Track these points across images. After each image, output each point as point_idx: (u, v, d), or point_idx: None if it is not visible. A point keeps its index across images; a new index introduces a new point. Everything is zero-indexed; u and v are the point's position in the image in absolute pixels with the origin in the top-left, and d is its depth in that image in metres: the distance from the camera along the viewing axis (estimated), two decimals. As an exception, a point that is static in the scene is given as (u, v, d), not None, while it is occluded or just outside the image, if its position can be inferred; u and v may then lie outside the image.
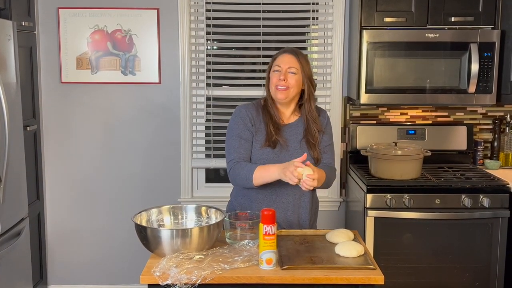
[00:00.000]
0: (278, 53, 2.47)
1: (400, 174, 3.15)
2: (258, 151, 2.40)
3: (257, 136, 2.42)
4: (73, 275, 3.86)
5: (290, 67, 2.39)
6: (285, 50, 2.45)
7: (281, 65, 2.40)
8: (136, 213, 2.21)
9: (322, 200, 3.76)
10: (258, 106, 2.48)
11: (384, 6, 3.24)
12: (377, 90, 3.28)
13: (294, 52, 2.43)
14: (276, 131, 2.40)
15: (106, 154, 3.76)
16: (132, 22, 3.61)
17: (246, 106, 2.50)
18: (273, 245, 1.95)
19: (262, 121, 2.44)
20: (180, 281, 1.86)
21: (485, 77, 3.23)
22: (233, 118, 2.47)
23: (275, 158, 2.38)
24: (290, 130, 2.45)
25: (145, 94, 3.70)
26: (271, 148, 2.39)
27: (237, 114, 2.47)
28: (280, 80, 2.38)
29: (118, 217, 3.78)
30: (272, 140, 2.39)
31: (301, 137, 2.44)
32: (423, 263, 3.15)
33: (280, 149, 2.40)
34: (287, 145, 2.41)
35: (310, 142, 2.43)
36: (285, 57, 2.42)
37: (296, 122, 2.48)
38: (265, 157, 2.39)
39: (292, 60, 2.40)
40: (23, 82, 3.25)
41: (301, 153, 2.35)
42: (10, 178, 2.88)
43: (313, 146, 2.43)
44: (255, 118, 2.44)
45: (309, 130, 2.44)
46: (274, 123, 2.42)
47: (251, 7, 3.64)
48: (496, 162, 3.54)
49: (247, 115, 2.44)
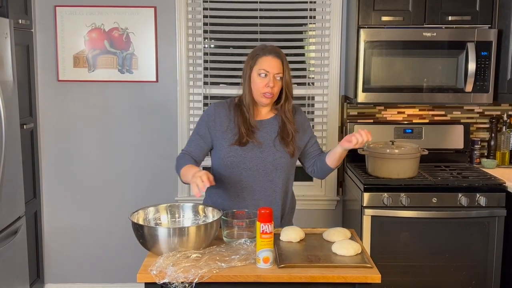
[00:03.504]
0: (259, 51, 2.38)
1: (397, 173, 3.15)
2: (226, 149, 2.40)
3: (226, 134, 2.41)
4: (70, 274, 3.85)
5: (278, 73, 2.35)
6: (270, 51, 2.36)
7: (268, 70, 2.33)
8: (133, 212, 2.21)
9: (319, 199, 3.80)
10: (230, 105, 2.46)
11: (381, 5, 3.25)
12: (374, 89, 3.28)
13: (279, 55, 2.36)
14: (248, 133, 2.38)
15: (103, 152, 3.76)
16: (129, 20, 3.61)
17: (218, 104, 2.49)
18: (270, 243, 1.95)
19: (232, 120, 2.42)
20: (177, 280, 1.86)
21: (482, 76, 3.24)
22: (202, 114, 2.50)
23: (244, 156, 2.39)
24: (265, 127, 2.44)
25: (142, 92, 3.70)
26: (240, 147, 2.39)
27: (206, 111, 2.49)
28: (268, 87, 2.34)
29: (115, 215, 3.77)
30: (242, 141, 2.38)
31: (276, 135, 2.43)
32: (420, 262, 3.15)
33: (252, 147, 2.39)
34: (261, 143, 2.40)
35: (284, 139, 2.43)
36: (272, 60, 2.34)
37: (271, 119, 2.46)
38: (233, 155, 2.39)
39: (278, 64, 2.35)
40: (20, 80, 3.25)
41: (273, 150, 2.40)
42: (7, 176, 2.88)
43: (287, 143, 2.42)
44: (223, 117, 2.43)
45: (284, 128, 2.43)
46: (247, 125, 2.39)
47: (248, 5, 3.64)
48: (492, 161, 3.55)
49: (214, 113, 2.44)
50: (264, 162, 2.40)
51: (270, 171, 2.42)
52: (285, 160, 2.43)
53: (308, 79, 3.75)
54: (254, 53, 2.41)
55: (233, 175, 2.42)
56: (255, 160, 2.40)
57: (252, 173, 2.41)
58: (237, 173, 2.41)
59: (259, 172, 2.41)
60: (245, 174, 2.41)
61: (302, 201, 3.79)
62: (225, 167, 2.42)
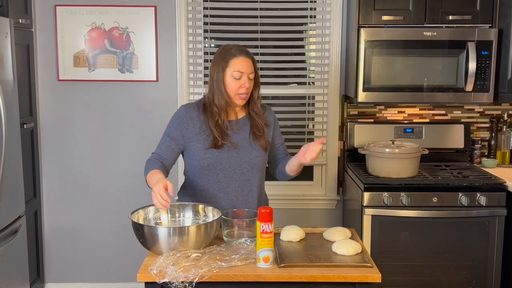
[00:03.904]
0: (229, 52, 2.36)
1: (397, 172, 3.15)
2: (202, 151, 2.39)
3: (199, 136, 2.40)
4: (70, 273, 3.85)
5: (251, 72, 2.35)
6: (240, 52, 2.35)
7: (243, 70, 2.32)
8: (133, 211, 2.21)
9: (319, 198, 3.80)
10: (200, 106, 2.45)
11: (382, 4, 3.24)
12: (374, 89, 3.28)
13: (249, 54, 2.36)
14: (223, 136, 2.37)
15: (103, 152, 3.76)
16: (129, 19, 3.60)
17: (188, 105, 2.48)
18: (271, 243, 1.95)
19: (204, 122, 2.41)
20: (177, 279, 1.86)
21: (482, 76, 3.24)
22: (172, 116, 2.48)
23: (220, 157, 2.39)
24: (238, 126, 2.44)
25: (142, 92, 3.70)
26: (216, 149, 2.38)
27: (176, 113, 2.47)
28: (243, 88, 2.33)
29: (115, 215, 3.77)
30: (218, 145, 2.37)
31: (249, 133, 2.44)
32: (420, 261, 3.15)
33: (227, 148, 2.39)
34: (236, 144, 2.40)
35: (256, 134, 2.43)
36: (244, 61, 2.34)
37: (243, 119, 2.46)
38: (209, 157, 2.38)
39: (250, 64, 2.35)
40: (20, 79, 3.25)
41: (249, 150, 2.40)
42: (7, 176, 2.88)
43: (259, 137, 2.43)
44: (195, 119, 2.41)
45: (254, 124, 2.44)
46: (220, 128, 2.38)
47: (248, 5, 3.63)
48: (493, 161, 3.55)
49: (185, 115, 2.42)
50: (240, 162, 2.41)
51: (247, 170, 2.42)
52: (261, 159, 2.44)
53: (309, 78, 3.75)
54: (223, 55, 2.37)
55: (209, 176, 2.42)
56: (231, 161, 2.40)
57: (229, 173, 2.41)
58: (213, 174, 2.41)
59: (236, 172, 2.41)
60: (221, 175, 2.41)
61: (302, 201, 3.79)
62: (201, 168, 2.41)
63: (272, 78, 3.71)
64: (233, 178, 2.41)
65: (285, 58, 3.77)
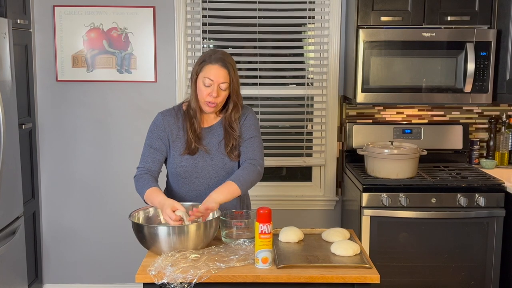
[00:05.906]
0: (207, 58, 2.33)
1: (396, 173, 3.15)
2: (178, 158, 2.38)
3: (175, 144, 2.39)
4: (69, 274, 3.85)
5: (223, 82, 2.30)
6: (216, 60, 2.31)
7: (213, 78, 2.29)
8: (133, 211, 2.21)
9: (318, 199, 3.80)
10: (178, 112, 2.43)
11: (380, 5, 3.24)
12: (373, 89, 3.28)
13: (225, 64, 2.30)
14: (196, 139, 2.36)
15: (101, 152, 3.75)
16: (128, 20, 3.60)
17: (165, 113, 2.45)
18: (269, 244, 1.95)
19: (181, 128, 2.40)
20: (175, 280, 1.86)
21: (481, 77, 3.24)
22: (150, 125, 2.45)
23: (195, 164, 2.38)
24: (211, 133, 2.41)
25: (141, 92, 3.69)
26: (191, 155, 2.37)
27: (154, 121, 2.44)
28: (211, 96, 2.30)
29: (114, 215, 3.77)
30: (191, 148, 2.36)
31: (221, 139, 2.40)
32: (419, 262, 3.15)
33: (202, 155, 2.38)
34: (209, 150, 2.38)
35: (227, 145, 2.39)
36: (217, 69, 2.29)
37: (216, 125, 2.43)
38: (184, 165, 2.38)
39: (224, 74, 2.30)
40: (18, 80, 3.24)
41: (222, 156, 2.37)
42: (5, 176, 2.87)
43: (231, 150, 2.39)
44: (172, 126, 2.40)
45: (226, 135, 2.40)
46: (194, 131, 2.37)
47: (247, 5, 3.63)
48: (491, 162, 3.55)
49: (163, 123, 2.41)
50: (215, 169, 2.39)
51: (223, 177, 2.39)
52: (236, 165, 2.41)
53: (307, 79, 3.75)
54: (201, 58, 2.36)
55: (186, 184, 2.42)
56: (206, 168, 2.39)
57: (205, 181, 2.40)
58: (190, 182, 2.41)
59: (212, 180, 2.40)
60: (198, 183, 2.41)
61: (301, 202, 3.79)
62: (179, 176, 2.42)
63: (271, 79, 3.71)
64: (210, 186, 2.38)
65: (283, 59, 3.77)
